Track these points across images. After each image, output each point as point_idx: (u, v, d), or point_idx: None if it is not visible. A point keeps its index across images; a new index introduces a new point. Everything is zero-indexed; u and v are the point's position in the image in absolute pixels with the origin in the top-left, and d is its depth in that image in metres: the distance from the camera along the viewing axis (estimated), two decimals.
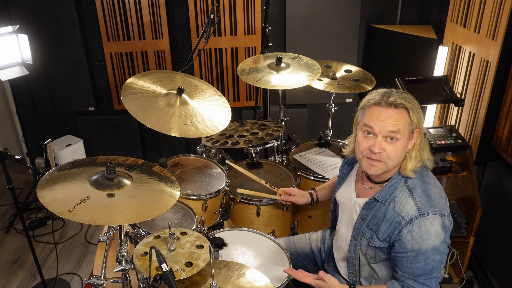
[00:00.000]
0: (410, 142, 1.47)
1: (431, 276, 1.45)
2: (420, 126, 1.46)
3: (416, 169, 1.48)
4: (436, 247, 1.41)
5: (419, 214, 1.41)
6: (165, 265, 1.28)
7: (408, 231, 1.42)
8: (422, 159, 1.48)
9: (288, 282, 1.68)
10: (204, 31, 2.50)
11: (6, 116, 3.99)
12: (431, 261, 1.43)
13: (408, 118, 1.43)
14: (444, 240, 1.43)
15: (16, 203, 2.30)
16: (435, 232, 1.41)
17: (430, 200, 1.43)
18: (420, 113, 1.46)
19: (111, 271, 1.75)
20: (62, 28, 3.38)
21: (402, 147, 1.44)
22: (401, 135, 1.42)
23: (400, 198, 1.46)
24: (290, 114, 3.15)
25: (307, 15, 3.34)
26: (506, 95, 2.32)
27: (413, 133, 1.46)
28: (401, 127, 1.41)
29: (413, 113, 1.43)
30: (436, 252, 1.42)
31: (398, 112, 1.42)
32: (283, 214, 2.26)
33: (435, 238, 1.41)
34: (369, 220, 1.53)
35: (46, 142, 2.65)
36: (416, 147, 1.47)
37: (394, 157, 1.44)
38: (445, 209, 1.45)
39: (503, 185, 2.34)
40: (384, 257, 1.54)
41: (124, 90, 2.05)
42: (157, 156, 3.91)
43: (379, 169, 1.47)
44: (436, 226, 1.41)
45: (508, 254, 2.32)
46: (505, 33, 2.25)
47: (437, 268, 1.45)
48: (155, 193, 1.50)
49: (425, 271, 1.44)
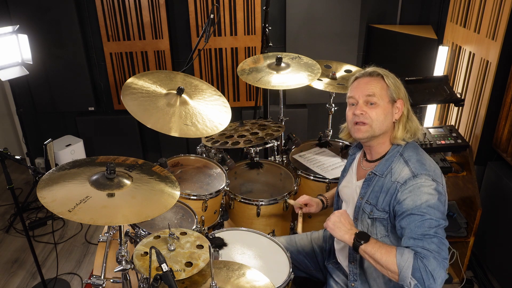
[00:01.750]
0: (394, 112, 1.57)
1: (429, 233, 1.38)
2: (403, 98, 1.59)
3: (407, 138, 1.57)
4: (429, 203, 1.42)
5: (413, 176, 1.47)
6: (165, 265, 1.28)
7: (403, 190, 1.47)
8: (411, 129, 1.58)
9: (288, 282, 1.68)
10: (204, 31, 2.50)
11: (6, 116, 3.99)
12: (428, 218, 1.40)
13: (384, 83, 1.57)
14: (439, 200, 1.43)
15: (16, 203, 2.30)
16: (427, 189, 1.44)
17: (424, 166, 1.50)
18: (399, 85, 1.59)
19: (111, 271, 1.75)
20: (62, 28, 3.38)
21: (383, 110, 1.55)
22: (377, 98, 1.55)
23: (397, 169, 1.53)
24: (290, 114, 3.14)
25: (307, 15, 3.34)
26: (506, 95, 2.32)
27: (396, 102, 1.57)
28: (377, 91, 1.56)
29: (387, 79, 1.57)
30: (431, 208, 1.41)
31: (373, 79, 1.59)
32: (283, 214, 2.26)
33: (428, 194, 1.43)
34: (368, 195, 1.58)
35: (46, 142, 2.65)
36: (404, 118, 1.58)
37: (377, 119, 1.55)
38: (438, 178, 1.49)
39: (503, 185, 2.34)
40: (385, 233, 1.55)
41: (124, 90, 2.05)
42: (157, 156, 3.91)
43: (365, 131, 1.57)
44: (428, 185, 1.45)
45: (508, 254, 2.33)
46: (505, 33, 2.25)
47: (435, 225, 1.39)
48: (155, 193, 1.50)
49: (423, 228, 1.39)
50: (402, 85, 1.61)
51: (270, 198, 2.18)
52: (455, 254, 2.57)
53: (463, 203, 2.54)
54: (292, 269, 1.72)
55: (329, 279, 1.82)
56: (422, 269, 1.33)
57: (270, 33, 2.75)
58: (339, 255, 1.78)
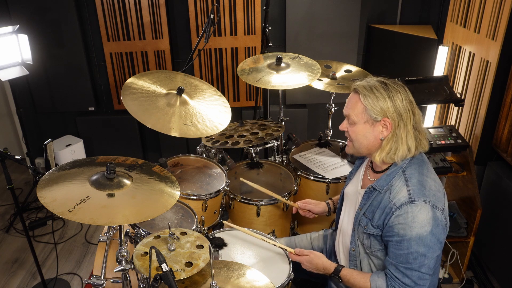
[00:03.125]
0: (378, 131, 1.47)
1: (412, 267, 1.41)
2: (392, 117, 1.44)
3: (388, 160, 1.49)
4: (421, 236, 1.38)
5: (409, 201, 1.41)
6: (165, 265, 1.28)
7: (396, 215, 1.42)
8: (395, 152, 1.46)
9: (288, 282, 1.68)
10: (204, 31, 2.50)
11: (6, 116, 3.99)
12: (414, 252, 1.39)
13: (360, 103, 1.47)
14: (431, 232, 1.39)
15: (16, 203, 2.30)
16: (422, 220, 1.39)
17: (423, 190, 1.42)
18: (383, 103, 1.43)
19: (111, 271, 1.75)
20: (62, 28, 3.38)
21: (360, 131, 1.50)
22: (353, 119, 1.50)
23: (396, 187, 1.47)
24: (290, 114, 3.14)
25: (307, 15, 3.34)
26: (506, 95, 2.32)
27: (380, 121, 1.46)
28: (351, 112, 1.50)
29: (364, 99, 1.45)
30: (421, 243, 1.39)
31: (353, 97, 1.51)
32: (283, 214, 2.27)
33: (421, 227, 1.38)
34: (366, 209, 1.55)
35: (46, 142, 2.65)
36: (391, 139, 1.46)
37: (355, 139, 1.52)
38: (438, 202, 1.42)
39: (503, 185, 2.34)
40: (379, 247, 1.54)
41: (124, 90, 2.05)
42: (157, 156, 3.91)
43: (350, 148, 1.57)
44: (424, 215, 1.39)
45: (508, 254, 2.32)
46: (505, 33, 2.25)
47: (421, 262, 1.40)
48: (155, 193, 1.50)
49: (407, 261, 1.41)
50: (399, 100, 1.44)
51: (270, 198, 2.18)
52: (455, 254, 2.57)
53: (463, 203, 2.55)
54: (292, 269, 1.72)
55: (329, 279, 1.81)
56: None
57: (270, 33, 2.75)
58: (341, 258, 1.77)
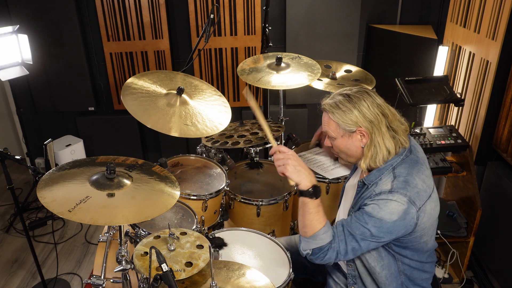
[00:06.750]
0: (358, 140, 1.52)
1: (355, 236, 1.44)
2: (364, 125, 1.48)
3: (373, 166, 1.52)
4: (382, 220, 1.40)
5: (389, 191, 1.44)
6: (165, 265, 1.28)
7: (373, 198, 1.45)
8: (375, 157, 1.50)
9: (288, 282, 1.68)
10: (204, 31, 2.50)
11: (6, 116, 3.99)
12: (366, 227, 1.42)
13: (332, 120, 1.53)
14: (394, 223, 1.40)
15: (16, 203, 2.30)
16: (392, 208, 1.40)
17: (406, 186, 1.44)
18: (351, 116, 1.48)
19: (111, 271, 1.75)
20: (62, 28, 3.38)
21: (341, 144, 1.56)
22: (332, 135, 1.56)
23: (383, 182, 1.49)
24: (290, 114, 3.14)
25: (307, 15, 3.34)
26: (506, 95, 2.32)
27: (355, 132, 1.50)
28: (328, 129, 1.56)
29: (333, 116, 1.51)
30: (378, 225, 1.41)
31: (324, 116, 1.57)
32: (283, 214, 2.27)
33: (389, 213, 1.40)
34: (355, 202, 1.57)
35: (46, 142, 2.65)
36: (369, 146, 1.51)
37: (339, 152, 1.59)
38: (418, 200, 1.42)
39: (503, 185, 2.34)
40: None
41: (124, 90, 2.05)
42: (157, 156, 3.91)
43: (341, 160, 1.64)
44: (397, 205, 1.40)
45: (508, 254, 2.32)
46: (505, 33, 2.25)
47: (365, 237, 1.42)
48: (155, 193, 1.50)
49: (355, 229, 1.44)
50: (365, 107, 1.48)
51: (270, 198, 2.18)
52: (455, 254, 2.56)
53: (463, 203, 2.55)
54: (292, 269, 1.72)
55: (329, 279, 1.82)
56: (322, 253, 1.47)
57: (270, 33, 2.75)
58: None
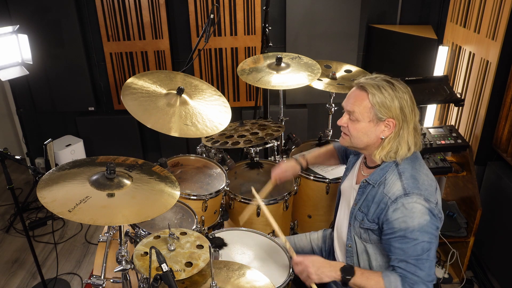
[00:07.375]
0: (381, 130, 1.47)
1: (422, 257, 1.41)
2: (396, 117, 1.44)
3: (387, 159, 1.49)
4: (423, 226, 1.40)
5: (404, 194, 1.42)
6: (165, 265, 1.28)
7: (393, 209, 1.43)
8: (396, 151, 1.48)
9: (288, 282, 1.68)
10: (204, 31, 2.50)
11: (6, 116, 3.99)
12: (420, 242, 1.40)
13: (368, 101, 1.45)
14: (431, 221, 1.41)
15: (16, 203, 2.30)
16: (420, 210, 1.40)
17: (417, 183, 1.44)
18: (390, 104, 1.43)
19: (111, 271, 1.75)
20: (62, 28, 3.38)
21: (363, 128, 1.48)
22: (357, 116, 1.47)
23: (390, 181, 1.48)
24: (290, 114, 3.14)
25: (307, 15, 3.34)
26: (506, 95, 2.32)
27: (384, 121, 1.45)
28: (357, 109, 1.47)
29: (373, 97, 1.44)
30: (424, 232, 1.40)
31: (359, 94, 1.48)
32: (283, 214, 2.27)
33: (421, 217, 1.40)
34: (361, 203, 1.56)
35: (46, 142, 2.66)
36: (393, 139, 1.47)
37: (355, 135, 1.51)
38: (431, 197, 1.44)
39: (503, 185, 2.34)
40: (377, 237, 1.54)
41: (124, 90, 2.05)
42: (157, 156, 3.91)
43: (346, 141, 1.56)
44: (421, 206, 1.40)
45: (508, 254, 2.32)
46: (505, 33, 2.25)
47: (428, 249, 1.41)
48: (155, 193, 1.50)
49: (416, 252, 1.42)
50: (405, 101, 1.44)
51: (270, 198, 2.18)
52: (455, 254, 2.57)
53: (463, 203, 2.55)
54: (292, 269, 1.72)
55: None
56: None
57: (270, 33, 2.75)
58: (338, 255, 1.78)
